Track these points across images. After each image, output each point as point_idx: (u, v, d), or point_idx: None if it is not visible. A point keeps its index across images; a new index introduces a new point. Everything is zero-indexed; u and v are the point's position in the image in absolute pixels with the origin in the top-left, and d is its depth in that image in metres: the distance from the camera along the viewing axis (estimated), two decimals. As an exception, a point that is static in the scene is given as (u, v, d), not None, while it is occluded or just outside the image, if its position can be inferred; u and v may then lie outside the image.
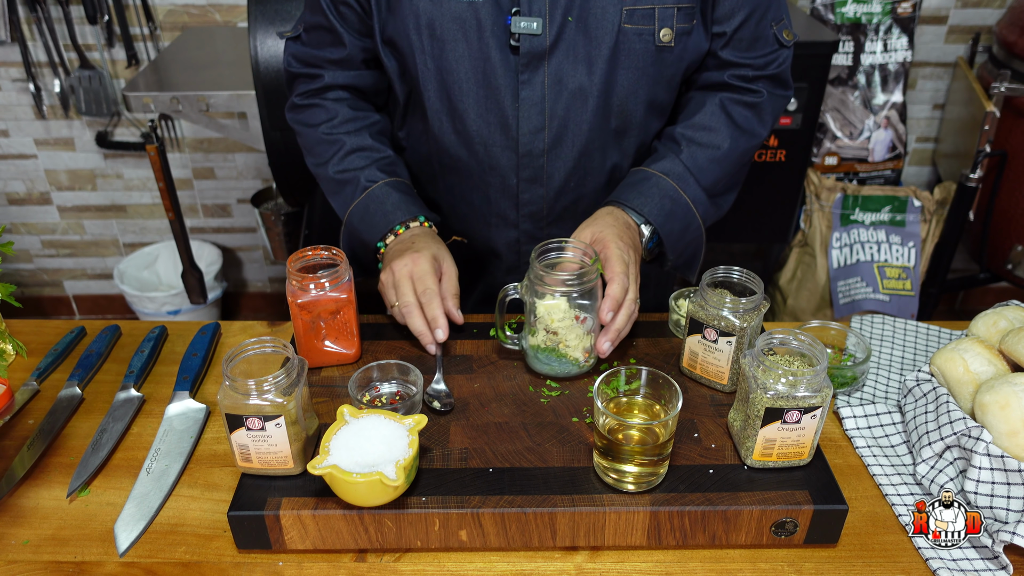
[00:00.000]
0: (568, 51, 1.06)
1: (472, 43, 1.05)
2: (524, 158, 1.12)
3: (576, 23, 1.04)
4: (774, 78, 1.16)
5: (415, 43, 1.07)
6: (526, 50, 1.05)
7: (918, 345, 1.19)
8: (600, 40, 1.05)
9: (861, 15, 2.48)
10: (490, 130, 1.11)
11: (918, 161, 2.82)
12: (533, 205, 1.18)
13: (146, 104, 2.01)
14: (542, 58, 1.05)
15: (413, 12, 1.06)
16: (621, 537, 0.85)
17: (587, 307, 0.97)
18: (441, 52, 1.07)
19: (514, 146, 1.12)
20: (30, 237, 2.96)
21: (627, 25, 1.04)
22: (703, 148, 1.14)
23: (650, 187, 1.12)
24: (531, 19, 1.03)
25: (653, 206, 1.11)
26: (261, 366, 0.87)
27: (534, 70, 1.06)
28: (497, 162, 1.14)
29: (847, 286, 2.56)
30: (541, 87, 1.07)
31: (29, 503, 0.92)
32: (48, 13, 2.45)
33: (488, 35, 1.05)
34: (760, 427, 0.84)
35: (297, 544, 0.85)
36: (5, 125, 2.70)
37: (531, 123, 1.09)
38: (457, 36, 1.05)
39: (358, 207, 1.16)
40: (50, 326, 1.23)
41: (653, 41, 1.06)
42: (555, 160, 1.13)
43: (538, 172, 1.14)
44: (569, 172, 1.14)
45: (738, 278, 1.00)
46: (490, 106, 1.09)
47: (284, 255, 2.73)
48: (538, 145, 1.11)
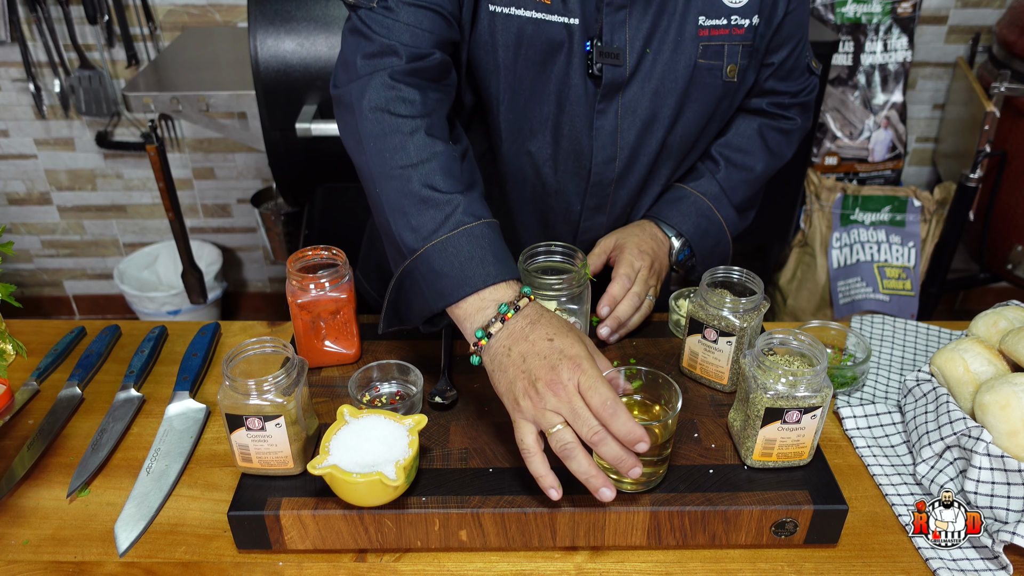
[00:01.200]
0: (644, 82, 1.04)
1: (560, 66, 1.02)
2: (594, 187, 1.11)
3: (655, 56, 1.03)
4: (804, 105, 1.21)
5: (502, 58, 1.01)
6: (607, 80, 1.02)
7: (918, 345, 1.19)
8: (676, 74, 1.04)
9: (861, 15, 2.48)
10: (562, 156, 1.09)
11: (918, 161, 2.82)
12: (593, 232, 1.17)
13: (146, 104, 2.01)
14: (619, 88, 1.04)
15: (507, 26, 0.99)
16: (621, 537, 0.85)
17: (576, 311, 0.97)
18: (527, 70, 1.02)
19: (585, 174, 1.10)
20: (30, 237, 2.96)
21: (701, 60, 1.04)
22: (739, 170, 1.19)
23: (688, 206, 1.17)
24: (614, 48, 1.01)
25: (690, 225, 1.16)
26: (261, 366, 0.87)
27: (610, 100, 1.04)
28: (564, 188, 1.12)
29: (847, 286, 2.56)
30: (615, 117, 1.06)
31: (29, 503, 0.92)
32: (48, 13, 2.45)
33: (576, 60, 1.02)
34: (760, 427, 0.84)
35: (297, 544, 0.85)
36: (5, 125, 2.70)
37: (604, 152, 1.08)
38: (541, 56, 1.01)
39: (450, 241, 0.86)
40: (50, 326, 1.22)
41: (721, 76, 1.06)
42: (620, 189, 1.13)
43: (603, 200, 1.13)
44: (631, 198, 1.15)
45: (738, 278, 1.00)
46: (565, 132, 1.07)
47: (284, 255, 2.73)
48: (608, 175, 1.10)
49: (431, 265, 0.86)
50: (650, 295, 1.11)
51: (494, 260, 0.85)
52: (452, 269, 0.85)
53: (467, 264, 0.85)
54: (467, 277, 0.84)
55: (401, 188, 0.88)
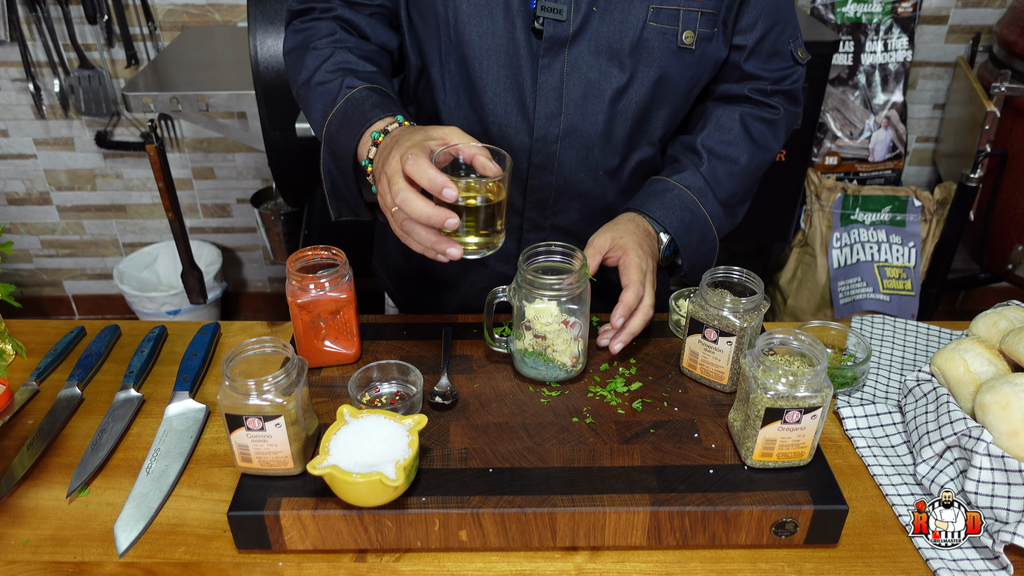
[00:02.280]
0: (590, 41, 1.05)
1: (498, 20, 1.05)
2: (538, 143, 1.11)
3: (601, 14, 1.04)
4: (789, 94, 1.20)
5: (440, 14, 1.06)
6: (549, 35, 1.04)
7: (918, 345, 1.19)
8: (623, 34, 1.05)
9: (861, 15, 2.48)
10: (507, 110, 1.10)
11: (918, 161, 2.82)
12: (541, 192, 1.17)
13: (146, 104, 2.01)
14: (563, 45, 1.05)
15: None
16: (621, 537, 0.85)
17: (575, 312, 0.97)
18: (466, 26, 1.06)
19: (529, 129, 1.11)
20: (30, 237, 2.96)
21: (652, 23, 1.05)
22: (723, 162, 1.17)
23: (671, 199, 1.14)
24: (557, 4, 1.03)
25: (673, 218, 1.14)
26: (261, 366, 0.87)
27: (554, 56, 1.06)
28: (511, 144, 1.13)
29: (847, 286, 2.56)
30: (560, 73, 1.07)
31: (29, 503, 0.92)
32: (48, 13, 2.45)
33: (515, 14, 1.04)
34: (760, 427, 0.84)
35: (297, 544, 0.85)
36: (5, 125, 2.70)
37: (548, 108, 1.09)
38: (483, 12, 1.05)
39: (337, 114, 1.05)
40: (50, 326, 1.22)
41: (676, 42, 1.06)
42: (568, 149, 1.13)
43: (550, 159, 1.13)
44: (580, 161, 1.14)
45: (738, 278, 1.00)
46: (509, 86, 1.09)
47: (284, 255, 2.73)
48: (552, 131, 1.10)
49: (332, 136, 1.05)
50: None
51: (370, 107, 1.01)
52: (342, 132, 1.03)
53: (352, 123, 1.02)
54: (352, 132, 1.01)
55: (302, 95, 1.12)
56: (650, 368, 1.05)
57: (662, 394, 1.00)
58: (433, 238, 0.87)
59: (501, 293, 1.00)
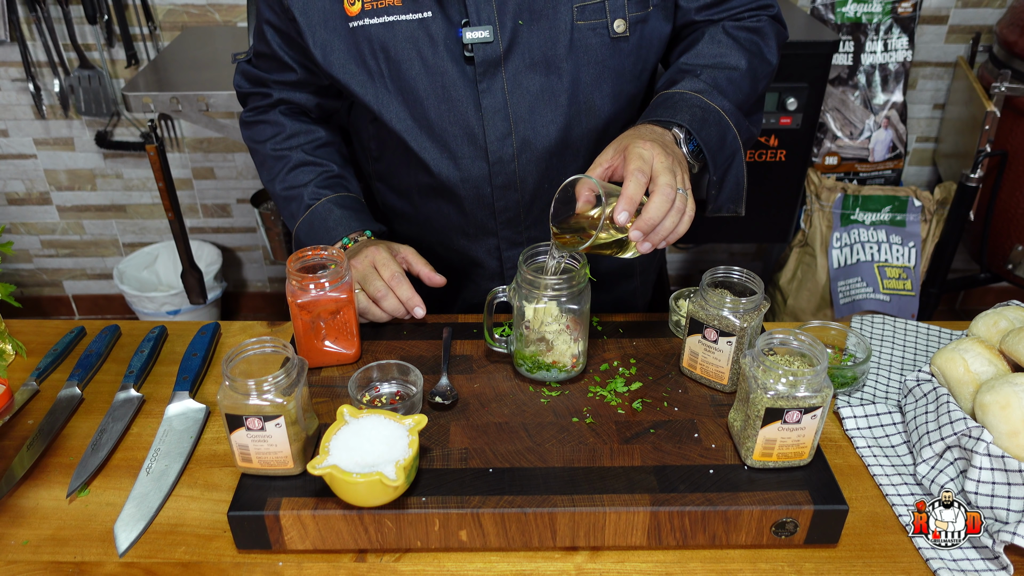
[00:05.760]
0: (524, 54, 1.05)
1: (427, 59, 1.05)
2: (495, 165, 1.12)
3: (528, 26, 1.04)
4: (764, 7, 1.15)
5: (372, 68, 1.07)
6: (481, 59, 1.04)
7: (918, 345, 1.19)
8: (555, 40, 1.05)
9: (861, 15, 2.48)
10: (458, 143, 1.11)
11: (918, 161, 2.82)
12: (509, 212, 1.17)
13: (146, 104, 2.01)
14: (498, 64, 1.05)
15: (366, 38, 1.05)
16: (621, 537, 0.85)
17: (575, 311, 0.97)
18: (399, 73, 1.07)
19: (483, 155, 1.11)
20: (30, 237, 2.96)
21: (580, 22, 1.05)
22: (721, 70, 1.09)
23: (676, 100, 1.04)
24: (481, 28, 1.03)
25: (685, 115, 1.02)
26: (261, 366, 0.87)
27: (492, 77, 1.06)
28: (469, 173, 1.13)
29: (847, 286, 2.56)
30: (502, 93, 1.07)
31: (29, 503, 0.92)
32: (48, 13, 2.45)
33: (442, 49, 1.05)
34: (760, 427, 0.84)
35: (297, 544, 0.85)
36: (5, 125, 2.70)
37: (497, 130, 1.09)
38: (412, 55, 1.05)
39: (303, 225, 1.20)
40: (50, 326, 1.22)
41: (608, 34, 1.06)
42: (526, 164, 1.12)
43: (511, 178, 1.13)
44: (542, 174, 1.14)
45: (738, 278, 1.00)
46: (454, 119, 1.09)
47: (284, 255, 2.73)
48: (507, 151, 1.10)
49: (301, 241, 1.21)
50: (682, 189, 0.92)
51: (333, 224, 1.19)
52: (311, 239, 1.20)
53: (319, 235, 1.20)
54: (320, 240, 1.19)
55: (270, 193, 1.28)
56: (650, 368, 1.05)
57: (662, 394, 1.00)
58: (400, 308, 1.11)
59: (501, 293, 1.00)
